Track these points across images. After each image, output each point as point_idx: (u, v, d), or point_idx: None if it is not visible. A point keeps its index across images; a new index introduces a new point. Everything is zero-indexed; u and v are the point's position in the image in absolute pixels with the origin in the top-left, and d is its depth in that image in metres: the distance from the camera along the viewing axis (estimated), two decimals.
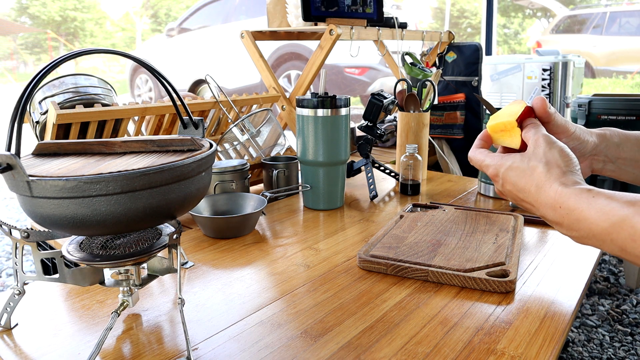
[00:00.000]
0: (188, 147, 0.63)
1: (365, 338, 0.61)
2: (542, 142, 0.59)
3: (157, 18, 14.05)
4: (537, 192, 0.57)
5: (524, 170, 0.59)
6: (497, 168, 0.63)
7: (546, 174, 0.57)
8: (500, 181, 0.63)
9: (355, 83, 4.88)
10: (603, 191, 0.53)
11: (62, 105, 1.03)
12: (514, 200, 0.64)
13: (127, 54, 0.62)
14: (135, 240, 0.60)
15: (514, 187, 0.61)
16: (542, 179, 0.57)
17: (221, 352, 0.59)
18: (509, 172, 0.61)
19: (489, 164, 0.64)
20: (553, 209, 0.56)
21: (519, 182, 0.60)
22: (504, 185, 0.63)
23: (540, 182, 0.57)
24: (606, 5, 8.13)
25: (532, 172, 0.58)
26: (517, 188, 0.60)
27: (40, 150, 0.63)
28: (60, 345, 0.60)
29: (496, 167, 0.63)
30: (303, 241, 0.94)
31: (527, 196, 0.60)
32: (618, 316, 1.59)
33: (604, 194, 0.52)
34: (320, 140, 1.08)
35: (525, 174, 0.59)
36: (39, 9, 12.53)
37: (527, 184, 0.59)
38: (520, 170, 0.60)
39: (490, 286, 0.72)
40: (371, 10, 1.57)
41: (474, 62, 1.88)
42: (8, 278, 2.03)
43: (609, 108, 1.66)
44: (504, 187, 0.63)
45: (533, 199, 0.59)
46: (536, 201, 0.58)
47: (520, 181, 0.60)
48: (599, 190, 0.53)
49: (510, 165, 0.61)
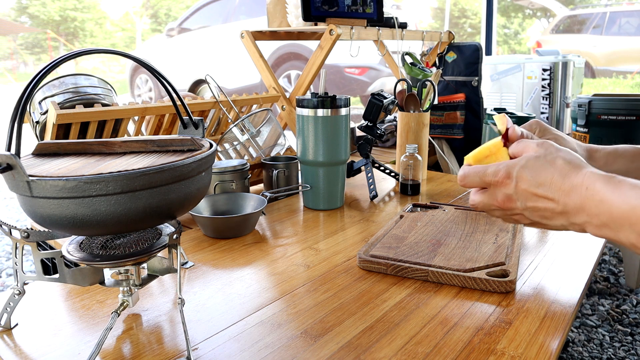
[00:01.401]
0: (188, 147, 0.63)
1: (365, 338, 0.61)
2: (547, 144, 0.59)
3: (157, 18, 14.06)
4: (562, 180, 0.56)
5: (543, 164, 0.57)
6: (509, 170, 0.59)
7: (569, 163, 0.56)
8: (513, 182, 0.59)
9: (355, 83, 4.88)
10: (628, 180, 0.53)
11: (62, 105, 1.03)
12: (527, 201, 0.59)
13: (127, 54, 0.62)
14: (135, 240, 0.60)
15: (532, 182, 0.57)
16: (567, 167, 0.56)
17: (221, 352, 0.59)
18: (524, 170, 0.58)
19: (498, 169, 0.59)
20: (578, 192, 0.54)
21: (538, 175, 0.57)
22: (518, 184, 0.58)
23: (565, 170, 0.56)
24: (606, 5, 8.13)
25: (552, 164, 0.57)
26: (537, 182, 0.57)
27: (40, 150, 0.63)
28: (60, 345, 0.60)
29: (507, 169, 0.59)
30: (303, 241, 0.94)
31: (548, 189, 0.56)
32: (618, 316, 1.59)
33: (628, 182, 0.53)
34: (320, 140, 1.08)
35: (545, 166, 0.57)
36: (39, 8, 12.53)
37: (549, 175, 0.56)
38: (539, 165, 0.57)
39: (490, 286, 0.72)
40: (371, 10, 1.57)
41: (474, 62, 1.88)
42: (8, 278, 2.03)
43: (609, 108, 1.66)
44: (517, 187, 0.59)
45: (557, 188, 0.56)
46: (560, 189, 0.56)
47: (540, 175, 0.57)
48: (624, 178, 0.53)
49: (524, 164, 0.58)
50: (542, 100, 2.51)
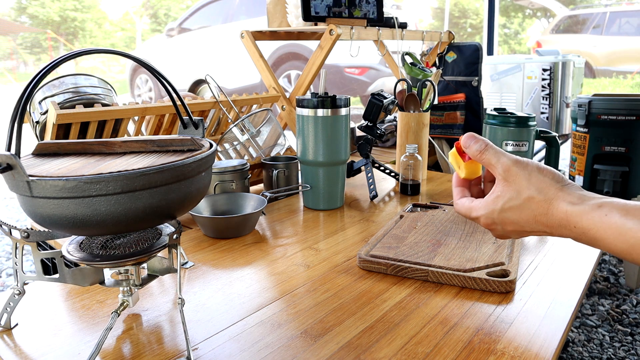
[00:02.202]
0: (188, 147, 0.63)
1: (365, 338, 0.61)
2: (515, 169, 0.56)
3: (157, 18, 14.05)
4: (547, 219, 0.54)
5: (520, 205, 0.55)
6: (489, 216, 0.58)
7: (546, 199, 0.54)
8: (500, 226, 0.58)
9: (355, 83, 4.88)
10: (614, 204, 0.50)
11: (62, 105, 1.03)
12: (522, 236, 0.60)
13: (127, 54, 0.62)
14: (135, 240, 0.60)
15: (518, 225, 0.56)
16: (545, 205, 0.54)
17: (221, 352, 0.59)
18: (504, 214, 0.56)
19: (478, 215, 0.59)
20: (568, 229, 0.53)
21: (520, 218, 0.56)
22: (505, 227, 0.58)
23: (544, 209, 0.54)
24: (606, 5, 8.13)
25: (529, 203, 0.54)
26: (522, 224, 0.56)
27: (40, 150, 0.63)
28: (60, 345, 0.60)
29: (487, 215, 0.58)
30: (303, 241, 0.94)
31: (536, 226, 0.55)
32: (618, 316, 1.59)
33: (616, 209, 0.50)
34: (320, 140, 1.08)
35: (524, 208, 0.55)
36: (39, 9, 12.52)
37: (531, 216, 0.55)
38: (516, 206, 0.55)
39: (490, 286, 0.72)
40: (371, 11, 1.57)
41: (474, 62, 1.88)
42: (8, 278, 2.03)
43: (609, 108, 1.66)
44: (505, 230, 0.58)
45: (544, 226, 0.55)
46: (548, 226, 0.54)
47: (522, 217, 0.55)
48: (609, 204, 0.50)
49: (502, 207, 0.56)
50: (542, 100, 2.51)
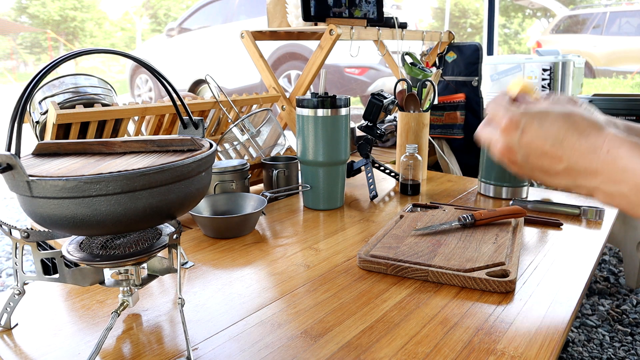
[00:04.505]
0: (188, 147, 0.63)
1: (365, 338, 0.61)
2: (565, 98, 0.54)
3: (157, 18, 14.05)
4: (578, 138, 0.48)
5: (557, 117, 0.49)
6: (519, 116, 0.51)
7: (590, 119, 0.49)
8: (519, 131, 0.50)
9: (355, 83, 4.88)
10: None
11: (62, 105, 1.03)
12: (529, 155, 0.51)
13: (127, 54, 0.62)
14: (135, 240, 0.60)
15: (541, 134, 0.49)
16: (585, 123, 0.49)
17: (221, 352, 0.59)
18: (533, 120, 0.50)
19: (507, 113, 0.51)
20: (596, 154, 0.47)
21: (550, 127, 0.49)
22: (524, 134, 0.50)
23: (583, 127, 0.48)
24: (606, 5, 8.13)
25: (568, 118, 0.49)
26: (545, 135, 0.49)
27: (40, 150, 0.63)
28: (60, 345, 0.60)
29: (517, 115, 0.51)
30: (303, 241, 0.94)
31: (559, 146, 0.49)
32: (618, 316, 1.59)
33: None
34: (320, 140, 1.08)
35: (559, 119, 0.49)
36: (39, 8, 12.52)
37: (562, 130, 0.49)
38: (552, 116, 0.49)
39: (490, 286, 0.72)
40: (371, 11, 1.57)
41: (474, 62, 1.88)
42: (8, 278, 2.03)
43: (609, 108, 1.66)
44: (522, 138, 0.50)
45: (569, 146, 0.48)
46: (572, 148, 0.48)
47: (552, 126, 0.49)
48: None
49: (534, 114, 0.50)
50: None
